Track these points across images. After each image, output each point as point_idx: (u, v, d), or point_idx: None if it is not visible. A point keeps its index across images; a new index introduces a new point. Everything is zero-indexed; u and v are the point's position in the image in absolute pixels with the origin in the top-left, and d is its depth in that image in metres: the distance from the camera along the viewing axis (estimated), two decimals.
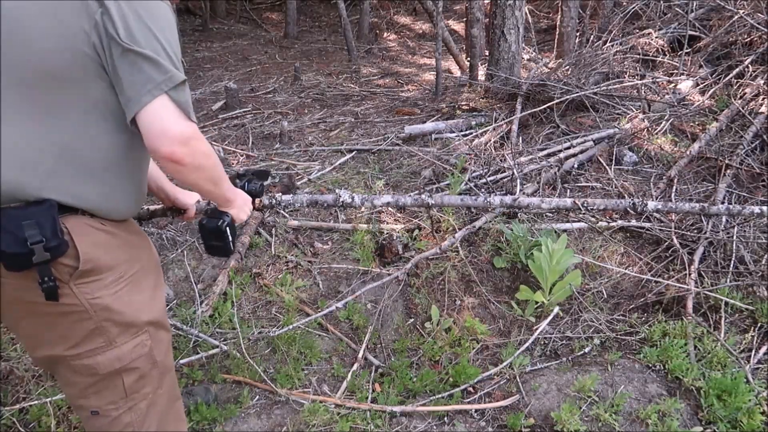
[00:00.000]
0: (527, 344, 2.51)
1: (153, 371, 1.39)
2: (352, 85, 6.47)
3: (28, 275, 1.17)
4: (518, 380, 2.31)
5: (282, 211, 3.31)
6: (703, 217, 3.04)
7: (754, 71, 4.12)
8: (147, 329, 1.36)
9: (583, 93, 4.22)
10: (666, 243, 2.95)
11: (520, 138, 4.10)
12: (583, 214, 3.24)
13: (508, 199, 2.01)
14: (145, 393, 1.38)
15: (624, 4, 6.12)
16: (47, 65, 1.13)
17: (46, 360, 1.36)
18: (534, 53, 6.56)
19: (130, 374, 1.34)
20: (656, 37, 5.01)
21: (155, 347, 1.38)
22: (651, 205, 1.98)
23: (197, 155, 1.20)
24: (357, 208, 1.92)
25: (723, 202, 3.16)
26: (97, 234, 1.25)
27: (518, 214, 3.20)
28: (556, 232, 2.98)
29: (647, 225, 3.08)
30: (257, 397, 2.25)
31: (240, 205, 1.55)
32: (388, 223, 3.27)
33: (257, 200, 1.72)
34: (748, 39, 4.47)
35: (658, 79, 4.59)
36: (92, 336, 1.28)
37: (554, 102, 4.20)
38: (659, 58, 4.87)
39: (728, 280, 2.68)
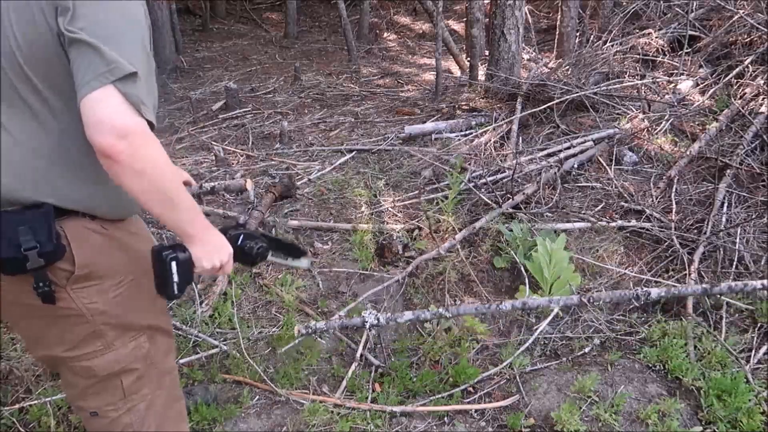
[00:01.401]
0: (527, 344, 2.51)
1: (152, 373, 1.38)
2: (352, 85, 6.47)
3: (25, 279, 1.17)
4: (518, 380, 2.30)
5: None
6: (703, 218, 3.04)
7: (754, 71, 4.11)
8: (146, 331, 1.35)
9: (583, 93, 4.22)
10: (666, 243, 2.95)
11: (520, 138, 4.10)
12: (583, 214, 3.24)
13: (518, 303, 2.15)
14: (143, 394, 1.38)
15: (624, 4, 6.12)
16: (28, 67, 1.12)
17: (46, 359, 1.37)
18: (534, 53, 6.55)
19: (129, 375, 1.34)
20: (656, 37, 5.01)
21: (154, 349, 1.38)
22: (654, 293, 2.14)
23: (138, 156, 1.06)
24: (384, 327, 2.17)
25: (723, 203, 3.16)
26: (96, 238, 1.24)
27: (518, 215, 3.20)
28: (555, 232, 2.98)
29: (647, 225, 3.08)
30: (257, 397, 2.25)
31: (208, 250, 1.27)
32: (388, 223, 3.27)
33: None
34: (748, 39, 4.47)
35: (658, 79, 4.59)
36: (90, 339, 1.27)
37: (554, 102, 4.19)
38: (659, 58, 4.87)
39: (729, 281, 2.68)
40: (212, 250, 1.29)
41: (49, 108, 1.14)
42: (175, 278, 1.25)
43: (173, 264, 1.24)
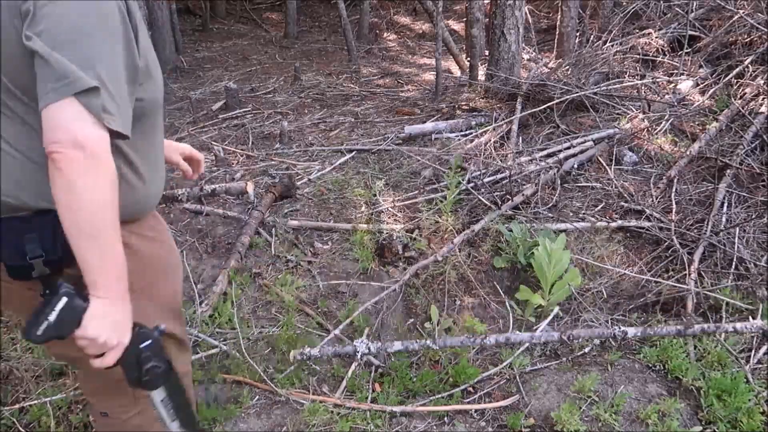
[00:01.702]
0: (527, 344, 2.51)
1: None
2: (352, 85, 6.47)
3: (33, 284, 1.14)
4: (518, 380, 2.30)
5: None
6: (703, 218, 3.04)
7: (754, 71, 4.11)
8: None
9: (583, 93, 4.22)
10: (666, 243, 2.95)
11: (520, 138, 4.10)
12: (583, 214, 3.24)
13: (501, 338, 2.31)
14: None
15: (624, 4, 6.12)
16: (4, 73, 1.09)
17: (60, 356, 1.37)
18: (534, 53, 6.55)
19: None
20: (656, 37, 5.01)
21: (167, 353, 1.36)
22: (631, 332, 2.25)
23: (80, 170, 0.99)
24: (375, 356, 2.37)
25: (723, 203, 3.16)
26: None
27: (517, 215, 3.20)
28: (555, 232, 2.98)
29: (647, 225, 3.08)
30: (257, 397, 2.25)
31: (106, 318, 1.09)
32: (388, 223, 3.27)
33: None
34: (748, 39, 4.47)
35: (658, 79, 4.59)
36: None
37: (554, 102, 4.19)
38: (659, 58, 4.87)
39: (729, 281, 2.68)
40: (109, 323, 1.11)
41: (35, 113, 1.09)
42: (52, 318, 1.06)
43: (62, 301, 1.07)
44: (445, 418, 2.17)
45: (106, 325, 1.11)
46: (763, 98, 3.83)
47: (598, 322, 2.61)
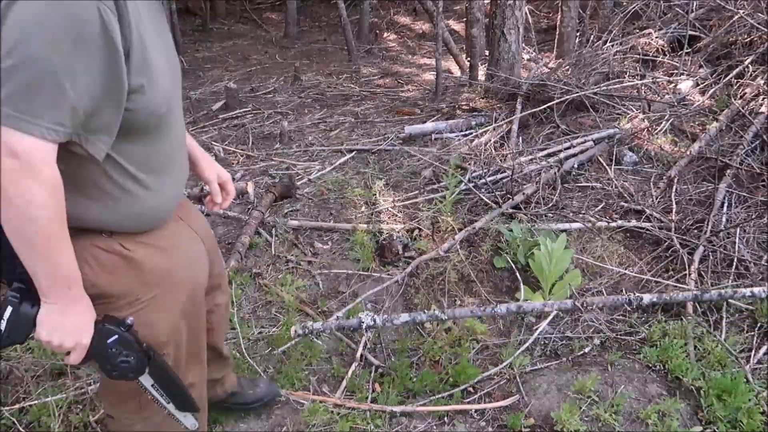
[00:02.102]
0: (527, 344, 2.51)
1: None
2: (352, 85, 6.47)
3: None
4: (518, 380, 2.30)
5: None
6: (703, 218, 3.04)
7: (754, 71, 4.12)
8: (166, 351, 1.33)
9: (583, 93, 4.22)
10: (666, 243, 2.95)
11: (520, 138, 4.10)
12: (583, 214, 3.24)
13: (513, 306, 2.20)
14: (159, 408, 1.37)
15: (624, 4, 6.12)
16: None
17: None
18: (534, 53, 6.55)
19: (147, 394, 1.32)
20: (656, 37, 5.01)
21: (175, 366, 1.36)
22: (646, 298, 2.23)
23: (13, 176, 0.97)
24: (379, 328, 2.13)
25: (723, 203, 3.16)
26: (108, 258, 1.20)
27: (518, 215, 3.20)
28: (555, 232, 2.98)
29: (647, 225, 3.08)
30: None
31: (57, 322, 1.10)
32: (388, 223, 3.27)
33: None
34: (748, 39, 4.47)
35: (658, 79, 4.59)
36: None
37: (554, 102, 4.19)
38: (659, 58, 4.87)
39: (729, 281, 2.68)
40: (61, 327, 1.11)
41: None
42: (2, 326, 1.09)
43: (8, 311, 1.08)
44: (445, 418, 2.17)
45: (58, 329, 1.11)
46: (763, 98, 3.83)
47: (599, 322, 2.61)
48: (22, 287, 1.11)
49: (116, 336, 1.17)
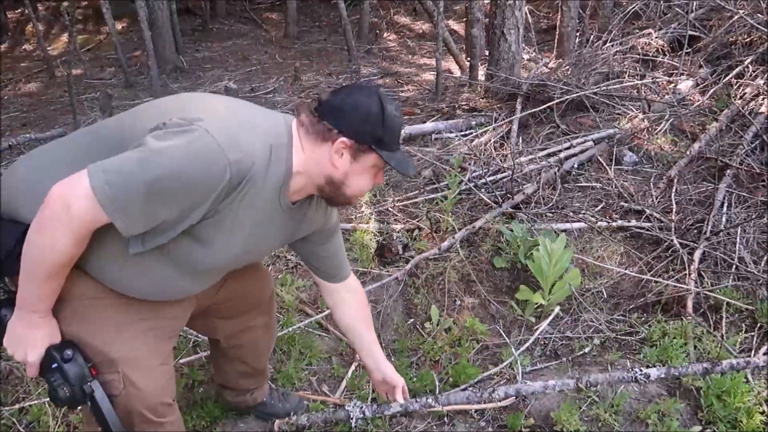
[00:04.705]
0: (527, 344, 2.51)
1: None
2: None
3: None
4: (518, 380, 2.30)
5: None
6: (703, 218, 3.04)
7: (754, 71, 4.12)
8: (119, 370, 1.32)
9: (583, 93, 4.22)
10: (666, 243, 2.95)
11: (520, 138, 4.10)
12: (583, 214, 3.24)
13: (511, 390, 2.05)
14: None
15: (624, 4, 6.12)
16: (113, 143, 1.23)
17: None
18: (534, 53, 6.55)
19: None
20: (656, 37, 5.01)
21: (129, 393, 1.34)
22: (653, 373, 2.02)
23: (56, 219, 1.14)
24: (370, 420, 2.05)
25: (723, 203, 3.16)
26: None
27: (518, 215, 3.20)
28: (555, 232, 2.98)
29: (647, 225, 3.08)
30: None
31: (18, 333, 1.26)
32: (388, 223, 3.27)
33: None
34: (748, 39, 4.47)
35: (658, 79, 4.59)
36: None
37: (554, 102, 4.19)
38: (659, 58, 4.86)
39: (729, 281, 2.68)
40: (20, 338, 1.26)
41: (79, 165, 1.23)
42: None
43: None
44: (445, 419, 2.17)
45: (19, 338, 1.26)
46: (763, 98, 3.83)
47: (599, 322, 2.61)
48: (3, 295, 1.27)
49: (56, 364, 1.25)
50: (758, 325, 2.47)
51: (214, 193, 1.16)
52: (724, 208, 3.14)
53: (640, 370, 2.02)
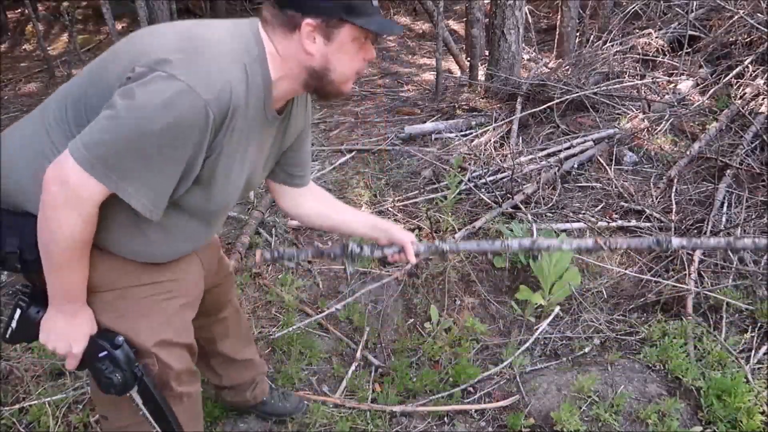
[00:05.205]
0: (527, 344, 2.51)
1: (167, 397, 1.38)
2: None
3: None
4: (518, 380, 2.30)
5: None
6: (703, 218, 3.04)
7: (754, 71, 4.12)
8: (153, 354, 1.33)
9: (583, 93, 4.22)
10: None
11: (520, 138, 4.10)
12: (583, 214, 3.24)
13: (526, 241, 1.89)
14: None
15: (624, 4, 6.12)
16: (77, 110, 1.20)
17: None
18: (534, 53, 6.55)
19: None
20: (656, 37, 5.01)
21: (162, 373, 1.36)
22: (675, 242, 1.84)
23: (58, 201, 1.09)
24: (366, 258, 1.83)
25: (723, 203, 3.16)
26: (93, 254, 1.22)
27: (518, 215, 3.20)
28: (555, 232, 2.98)
29: (647, 225, 3.08)
30: None
31: (57, 328, 1.22)
32: None
33: (259, 253, 1.52)
34: (748, 39, 4.47)
35: (658, 79, 4.59)
36: None
37: (554, 102, 4.19)
38: (659, 58, 4.87)
39: (729, 281, 2.67)
40: (60, 332, 1.22)
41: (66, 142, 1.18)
42: (14, 325, 1.23)
43: (18, 311, 1.22)
44: (445, 418, 2.17)
45: (55, 333, 1.22)
46: (763, 98, 3.83)
47: (599, 322, 2.61)
48: (32, 293, 1.23)
49: (105, 352, 1.24)
50: (758, 325, 2.47)
51: (205, 136, 1.10)
52: (724, 208, 3.14)
53: (665, 237, 1.85)
